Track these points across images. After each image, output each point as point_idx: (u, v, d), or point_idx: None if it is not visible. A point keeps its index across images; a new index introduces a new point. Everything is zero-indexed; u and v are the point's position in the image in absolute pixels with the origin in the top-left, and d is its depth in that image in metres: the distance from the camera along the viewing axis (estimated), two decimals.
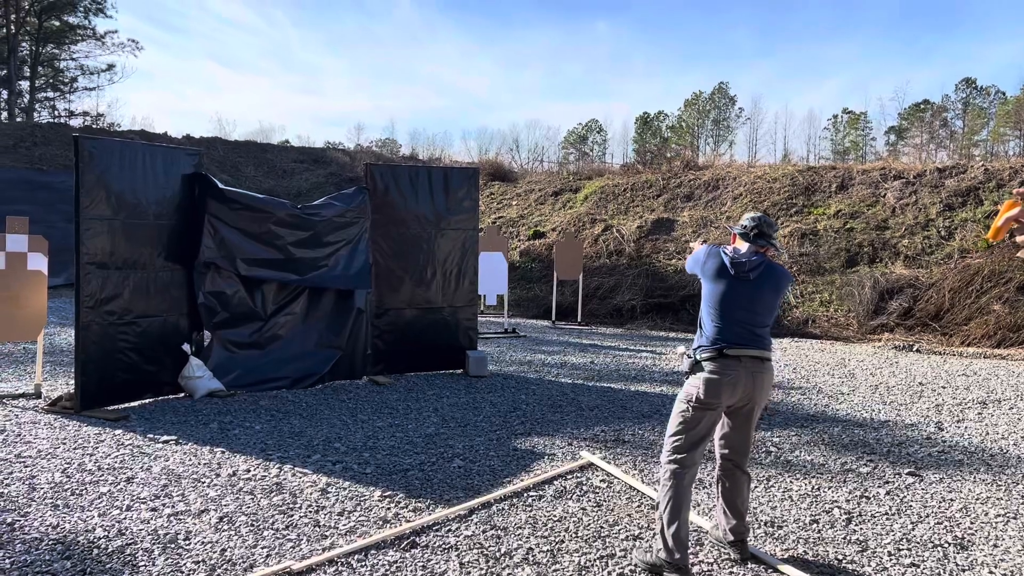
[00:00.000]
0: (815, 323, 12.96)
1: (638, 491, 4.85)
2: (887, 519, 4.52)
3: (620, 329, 13.53)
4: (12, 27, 38.19)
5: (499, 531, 4.15)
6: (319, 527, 4.16)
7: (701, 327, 3.79)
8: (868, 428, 6.71)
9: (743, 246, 3.85)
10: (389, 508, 4.45)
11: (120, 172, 6.66)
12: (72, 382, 7.53)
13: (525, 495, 4.74)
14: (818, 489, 5.01)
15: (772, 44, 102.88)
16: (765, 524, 4.38)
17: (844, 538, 4.20)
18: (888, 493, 4.98)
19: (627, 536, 4.12)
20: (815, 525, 4.39)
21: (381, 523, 4.23)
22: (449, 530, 4.15)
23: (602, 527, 4.23)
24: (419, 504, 4.55)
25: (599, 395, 7.79)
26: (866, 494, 4.94)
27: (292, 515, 4.32)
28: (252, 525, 4.16)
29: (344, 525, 4.19)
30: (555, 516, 4.39)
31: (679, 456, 3.63)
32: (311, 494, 4.67)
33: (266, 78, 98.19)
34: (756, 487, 4.99)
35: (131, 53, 50.17)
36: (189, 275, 7.34)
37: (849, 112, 69.58)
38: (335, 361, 8.06)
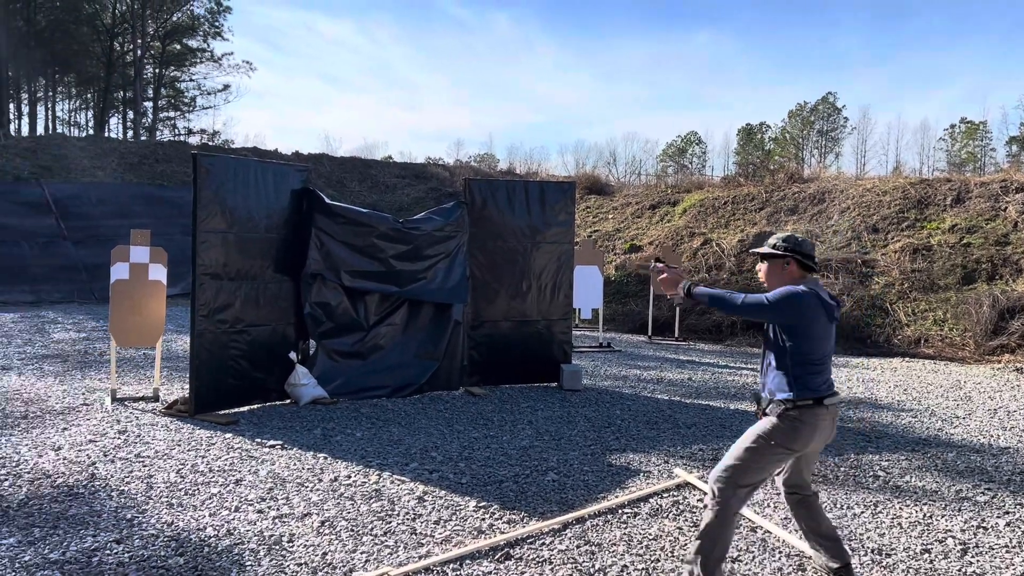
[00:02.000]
0: (928, 343, 12.33)
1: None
2: (1007, 552, 4.24)
3: (719, 346, 13.24)
4: (138, 51, 40.84)
5: (593, 547, 4.12)
6: (416, 535, 4.23)
7: (792, 374, 3.45)
8: (986, 454, 6.32)
9: (811, 280, 3.55)
10: (484, 519, 4.49)
11: (234, 187, 7.00)
12: (186, 387, 7.94)
13: (620, 512, 4.69)
14: (930, 517, 4.76)
15: (883, 52, 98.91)
16: (872, 552, 4.19)
17: (959, 570, 3.97)
18: (1008, 524, 4.67)
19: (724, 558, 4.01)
20: (927, 555, 4.16)
21: (476, 533, 4.28)
22: (543, 543, 4.15)
23: None
24: (513, 516, 4.56)
25: (697, 413, 7.64)
26: (983, 524, 4.65)
27: (390, 522, 4.41)
28: (352, 530, 4.28)
29: (440, 534, 4.25)
30: (650, 534, 4.33)
31: (741, 489, 3.45)
32: (408, 502, 4.76)
33: (369, 95, 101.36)
34: (863, 512, 4.78)
35: (245, 74, 52.95)
36: (296, 286, 7.63)
37: (967, 122, 66.03)
38: (433, 372, 8.20)
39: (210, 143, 40.05)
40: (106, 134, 39.10)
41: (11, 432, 6.07)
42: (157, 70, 43.35)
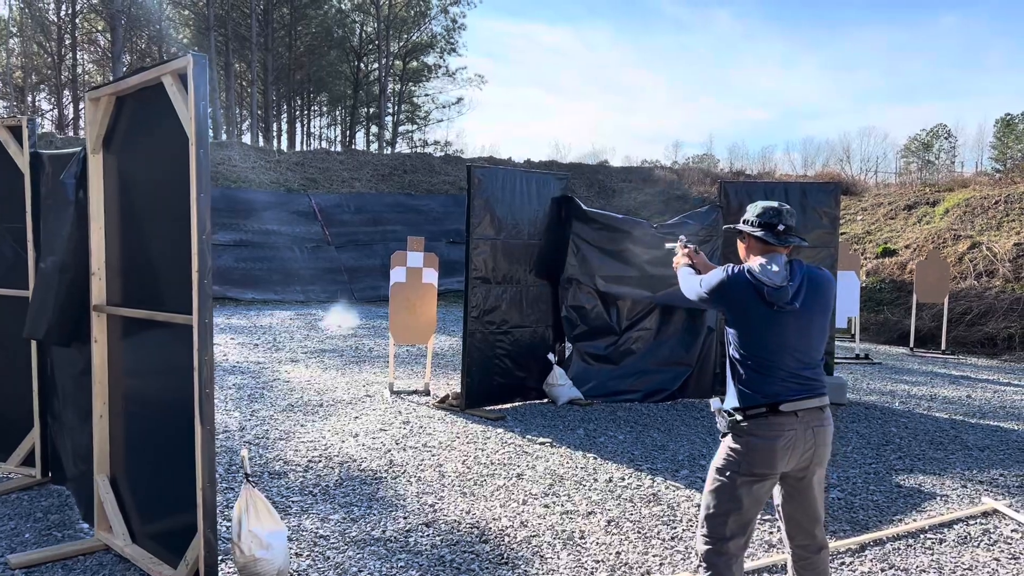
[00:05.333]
0: None
1: None
2: None
3: (994, 361, 11.93)
4: (382, 70, 44.24)
5: (899, 571, 3.88)
6: None
7: (736, 376, 2.84)
8: None
9: (768, 256, 2.85)
10: (771, 532, 4.37)
11: (502, 196, 7.38)
12: (451, 383, 8.47)
13: (922, 536, 4.37)
14: None
15: None
16: None
17: None
18: None
19: None
20: None
21: (767, 547, 4.17)
22: (842, 563, 3.97)
23: None
24: None
25: (986, 434, 6.93)
26: None
27: (675, 527, 4.42)
28: (639, 532, 4.34)
29: None
30: (963, 564, 3.99)
31: (721, 544, 2.82)
32: (688, 508, 4.74)
33: (589, 101, 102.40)
34: None
35: (476, 87, 55.34)
36: (554, 290, 7.89)
37: None
38: (685, 378, 8.12)
39: (440, 154, 42.49)
40: (353, 148, 42.77)
41: (313, 419, 6.80)
42: (397, 86, 46.67)
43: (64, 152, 4.42)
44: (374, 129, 47.30)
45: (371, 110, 47.48)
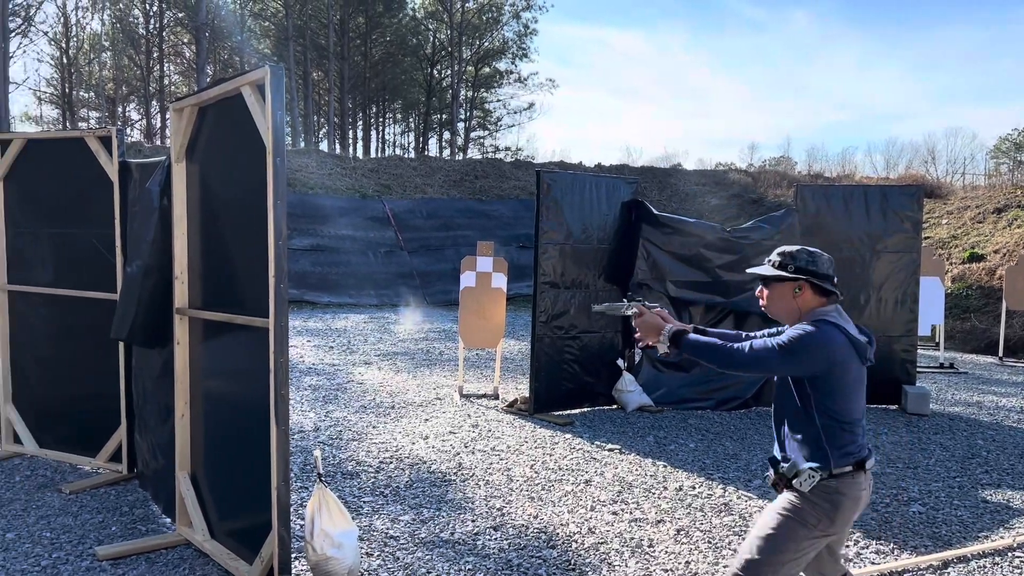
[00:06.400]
0: None
1: None
2: None
3: None
4: (454, 77, 44.75)
5: None
6: None
7: (828, 439, 2.62)
8: None
9: (831, 309, 2.69)
10: (848, 546, 4.23)
11: (571, 201, 7.36)
12: (519, 387, 8.49)
13: (1009, 555, 4.16)
14: None
15: None
16: None
17: None
18: None
19: None
20: None
21: (845, 560, 4.04)
22: None
23: None
24: (881, 547, 4.25)
25: None
26: None
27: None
28: (709, 542, 4.26)
29: None
30: None
31: None
32: None
33: (661, 104, 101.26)
34: None
35: (548, 92, 55.51)
36: (623, 295, 7.82)
37: None
38: (759, 386, 7.94)
39: (510, 159, 42.69)
40: (425, 154, 43.39)
41: (384, 420, 6.91)
42: (469, 93, 47.11)
43: (150, 161, 4.62)
44: (446, 135, 47.88)
45: (443, 116, 48.08)
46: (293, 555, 3.60)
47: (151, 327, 4.23)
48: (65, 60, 37.64)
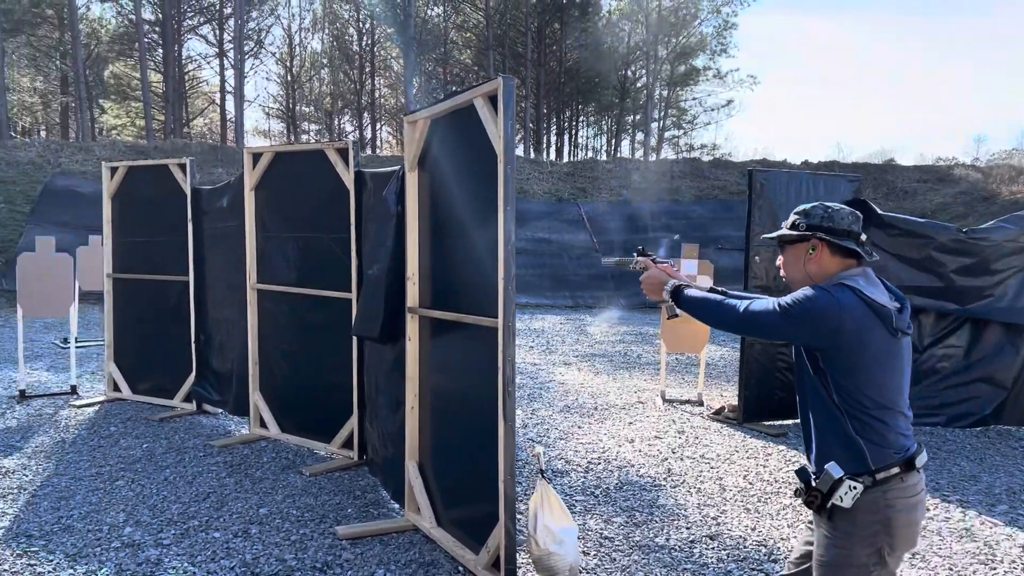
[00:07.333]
0: None
1: None
2: None
3: None
4: (649, 77, 44.33)
5: None
6: None
7: (854, 425, 2.15)
8: None
9: (859, 272, 2.23)
10: None
11: (785, 200, 7.06)
12: (724, 394, 8.25)
13: None
14: None
15: None
16: None
17: None
18: None
19: None
20: None
21: None
22: None
23: None
24: None
25: None
26: None
27: (995, 568, 3.95)
28: (951, 569, 3.93)
29: None
30: None
31: None
32: (1009, 548, 4.21)
33: (872, 96, 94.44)
34: None
35: (748, 88, 53.58)
36: None
37: None
38: (999, 402, 7.20)
39: (705, 158, 41.55)
40: (619, 156, 43.32)
41: (588, 421, 6.98)
42: (664, 92, 46.46)
43: (383, 171, 4.96)
44: (639, 136, 47.53)
45: (637, 117, 47.76)
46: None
47: (392, 326, 4.54)
48: (289, 78, 41.34)
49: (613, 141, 50.43)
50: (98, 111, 38.52)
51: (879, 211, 7.27)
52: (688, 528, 4.41)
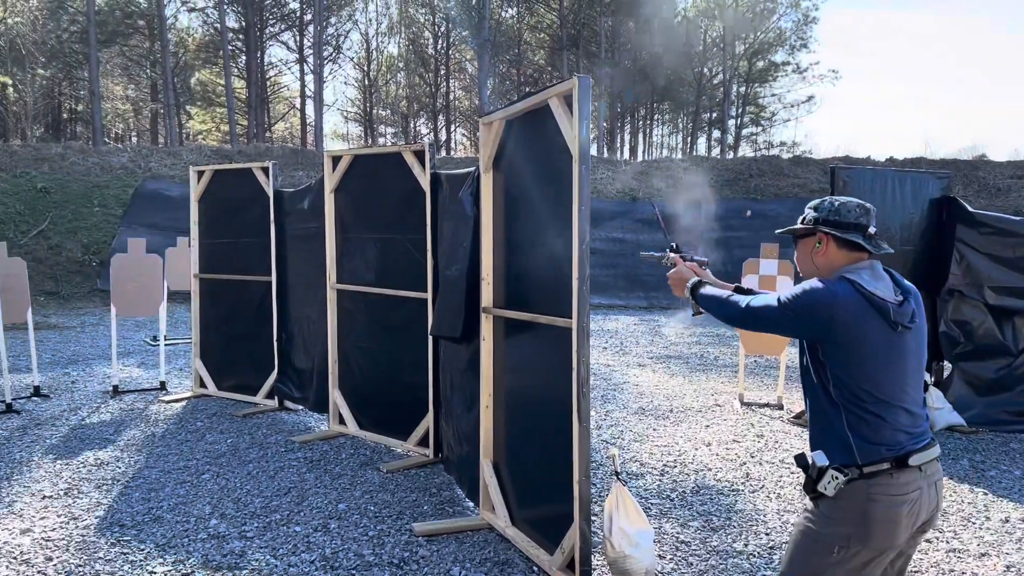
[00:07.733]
0: None
1: None
2: None
3: None
4: (726, 73, 43.52)
5: None
6: None
7: (845, 421, 2.17)
8: None
9: (865, 265, 2.25)
10: None
11: (870, 198, 6.80)
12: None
13: None
14: None
15: None
16: None
17: None
18: None
19: None
20: None
21: None
22: None
23: None
24: None
25: None
26: None
27: None
28: None
29: None
30: None
31: None
32: None
33: (960, 90, 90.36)
34: None
35: (830, 83, 52.05)
36: (931, 302, 7.08)
37: None
38: None
39: (785, 155, 40.48)
40: (694, 154, 42.63)
41: (664, 423, 6.89)
42: (742, 88, 45.51)
43: (458, 172, 5.00)
44: (715, 133, 46.70)
45: (713, 115, 46.93)
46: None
47: (469, 326, 4.58)
48: (366, 82, 42.18)
49: (689, 139, 49.67)
50: (185, 117, 40.11)
51: (970, 209, 6.98)
52: (768, 534, 4.31)
